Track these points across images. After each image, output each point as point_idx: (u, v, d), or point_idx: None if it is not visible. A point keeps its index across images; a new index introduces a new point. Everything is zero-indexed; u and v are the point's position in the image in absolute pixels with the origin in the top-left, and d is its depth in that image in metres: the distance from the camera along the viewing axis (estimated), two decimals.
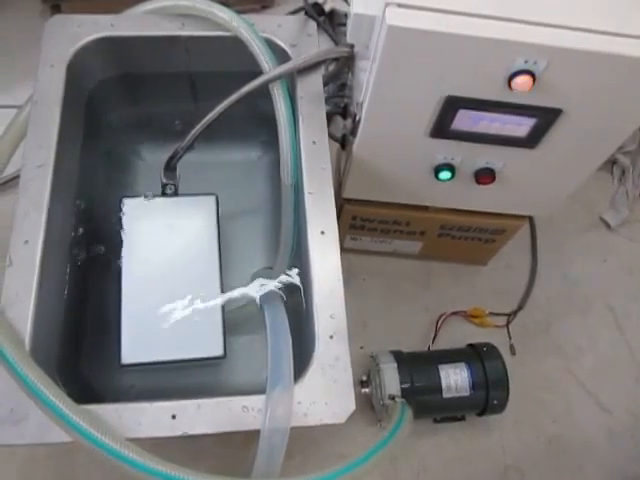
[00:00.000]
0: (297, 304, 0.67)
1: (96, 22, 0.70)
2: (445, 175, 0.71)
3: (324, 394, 0.53)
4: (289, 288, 0.70)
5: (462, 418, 0.87)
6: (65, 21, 0.70)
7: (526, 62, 0.53)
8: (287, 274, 0.71)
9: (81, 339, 0.72)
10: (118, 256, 0.70)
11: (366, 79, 0.62)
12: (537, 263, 1.03)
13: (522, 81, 0.54)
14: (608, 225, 1.08)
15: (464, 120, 0.62)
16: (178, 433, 0.51)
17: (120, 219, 0.72)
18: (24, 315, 0.54)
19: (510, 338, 0.96)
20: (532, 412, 0.91)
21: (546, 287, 1.02)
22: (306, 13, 1.19)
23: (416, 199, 0.81)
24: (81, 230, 0.71)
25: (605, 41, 0.52)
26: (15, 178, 0.91)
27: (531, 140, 0.64)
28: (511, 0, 0.53)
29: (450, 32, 0.52)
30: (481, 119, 0.62)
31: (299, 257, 0.69)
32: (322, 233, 0.61)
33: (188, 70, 0.77)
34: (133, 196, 0.75)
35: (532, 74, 0.54)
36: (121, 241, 0.71)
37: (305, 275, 0.64)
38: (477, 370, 0.81)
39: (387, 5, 0.52)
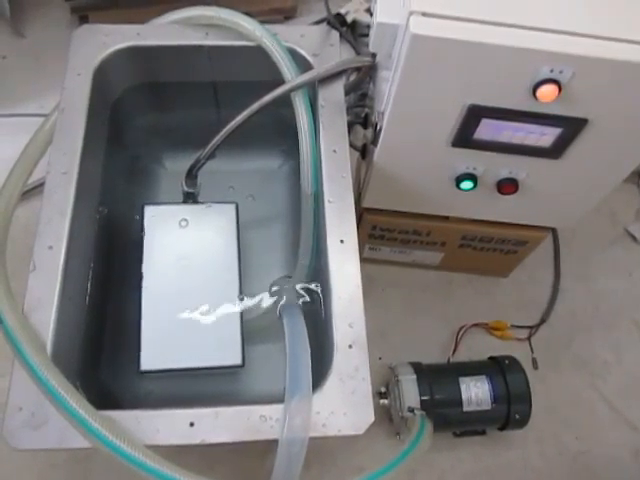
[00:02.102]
0: (316, 313, 0.66)
1: (122, 32, 0.72)
2: (467, 185, 0.71)
3: (343, 404, 0.53)
4: (308, 297, 0.70)
5: (483, 432, 0.85)
6: (92, 31, 0.72)
7: (552, 71, 0.53)
8: (306, 283, 0.71)
9: (101, 345, 0.73)
10: (139, 263, 0.71)
11: (388, 88, 0.62)
12: (560, 276, 1.01)
13: (547, 90, 0.53)
14: (634, 238, 1.06)
15: (487, 129, 0.61)
16: (196, 441, 0.51)
17: (141, 226, 0.73)
18: (46, 320, 0.55)
19: (532, 352, 0.94)
20: (555, 428, 0.89)
21: (570, 300, 1.00)
22: (328, 23, 1.20)
23: (437, 209, 0.81)
24: (103, 236, 0.72)
25: (633, 50, 0.51)
26: (39, 186, 0.93)
27: (555, 150, 0.63)
28: (537, 8, 0.53)
29: (475, 41, 0.51)
30: (504, 129, 0.61)
31: (318, 266, 0.69)
32: (342, 242, 0.60)
33: (211, 79, 0.78)
34: (154, 203, 0.75)
35: (558, 83, 0.53)
36: (142, 248, 0.72)
37: (324, 284, 0.64)
38: (498, 383, 0.79)
39: (411, 14, 0.52)
